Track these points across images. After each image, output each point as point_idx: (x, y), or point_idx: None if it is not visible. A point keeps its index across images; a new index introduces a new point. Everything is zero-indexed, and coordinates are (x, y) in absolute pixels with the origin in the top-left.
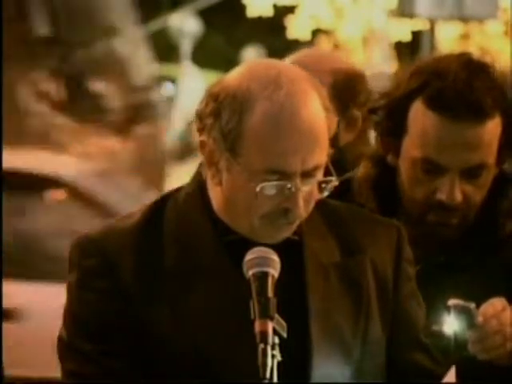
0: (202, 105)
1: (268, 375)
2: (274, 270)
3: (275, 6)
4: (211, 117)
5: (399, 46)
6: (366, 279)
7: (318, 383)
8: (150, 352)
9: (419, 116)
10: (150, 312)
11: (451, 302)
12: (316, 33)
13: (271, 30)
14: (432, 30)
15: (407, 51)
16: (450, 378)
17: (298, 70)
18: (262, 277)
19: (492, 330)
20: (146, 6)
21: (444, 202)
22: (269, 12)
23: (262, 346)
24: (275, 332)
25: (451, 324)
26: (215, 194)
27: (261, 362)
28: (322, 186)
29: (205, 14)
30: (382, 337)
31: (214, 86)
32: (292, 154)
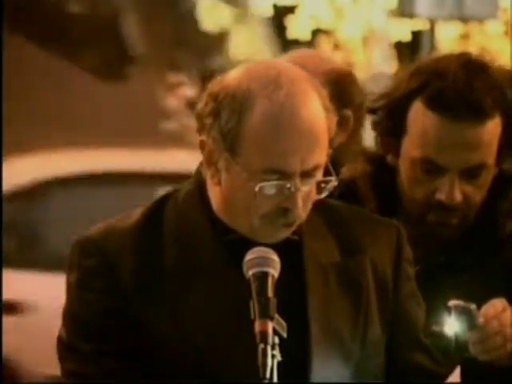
0: (202, 104)
1: (268, 375)
2: (274, 270)
3: (275, 6)
4: (211, 116)
5: (399, 46)
6: (366, 279)
7: (318, 383)
8: (149, 352)
9: (419, 116)
10: (150, 312)
11: (452, 302)
12: (316, 33)
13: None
14: (432, 30)
15: (407, 51)
16: (456, 378)
17: (298, 70)
18: (262, 277)
19: (493, 330)
20: None
21: (444, 202)
22: (269, 12)
23: (262, 346)
24: (275, 332)
25: (452, 325)
26: (215, 194)
27: (261, 362)
28: (322, 185)
29: None
30: (381, 337)
31: (214, 85)
32: (291, 153)
